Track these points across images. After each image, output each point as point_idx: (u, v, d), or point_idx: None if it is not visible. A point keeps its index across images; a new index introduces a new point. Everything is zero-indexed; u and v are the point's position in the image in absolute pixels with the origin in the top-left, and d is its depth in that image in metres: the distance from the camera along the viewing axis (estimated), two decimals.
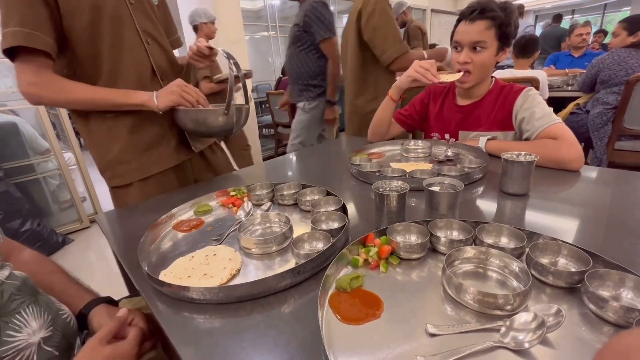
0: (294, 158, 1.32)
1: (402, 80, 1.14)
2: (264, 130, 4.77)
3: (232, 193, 0.87)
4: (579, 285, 0.44)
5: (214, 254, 0.61)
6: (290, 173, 1.18)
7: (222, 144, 1.22)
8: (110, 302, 0.65)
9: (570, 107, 2.42)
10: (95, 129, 0.93)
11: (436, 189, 0.65)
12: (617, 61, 2.05)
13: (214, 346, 0.43)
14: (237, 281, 0.54)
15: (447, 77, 1.07)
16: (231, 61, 0.94)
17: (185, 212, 0.81)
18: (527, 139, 1.01)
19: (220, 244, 0.65)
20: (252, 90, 5.19)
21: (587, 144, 2.24)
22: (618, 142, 2.09)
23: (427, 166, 0.98)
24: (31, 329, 0.49)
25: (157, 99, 0.88)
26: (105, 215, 0.89)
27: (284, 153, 1.45)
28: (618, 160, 2.11)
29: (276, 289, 0.51)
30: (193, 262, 0.59)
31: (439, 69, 1.24)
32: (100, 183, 1.09)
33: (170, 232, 0.73)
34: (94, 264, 2.13)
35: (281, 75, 4.29)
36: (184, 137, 1.06)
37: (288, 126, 3.78)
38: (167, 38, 1.04)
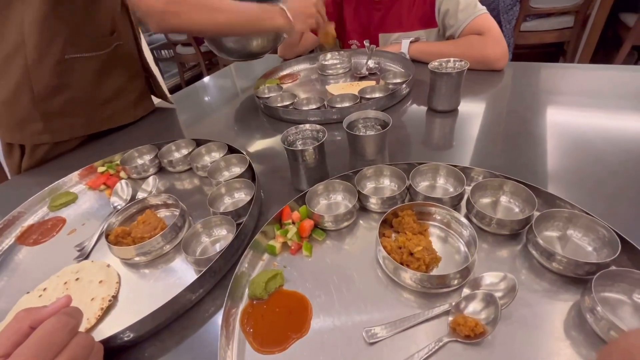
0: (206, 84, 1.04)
1: None
2: (161, 52, 3.90)
3: (101, 169, 0.64)
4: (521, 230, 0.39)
5: (76, 279, 0.43)
6: (184, 117, 0.92)
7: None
8: None
9: None
10: (42, 71, 0.65)
11: (363, 132, 0.52)
12: None
13: None
14: (114, 313, 0.39)
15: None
16: None
17: (37, 210, 0.58)
18: (451, 36, 0.90)
19: (85, 258, 0.47)
20: None
21: None
22: (524, 23, 2.13)
23: (350, 88, 0.82)
24: None
25: (294, 20, 0.71)
26: None
27: (193, 80, 1.17)
28: (522, 42, 2.20)
29: (168, 321, 0.37)
30: (45, 300, 0.41)
31: None
32: None
33: (13, 250, 0.51)
34: None
35: None
36: (145, 91, 0.88)
37: (189, 44, 3.11)
38: None
